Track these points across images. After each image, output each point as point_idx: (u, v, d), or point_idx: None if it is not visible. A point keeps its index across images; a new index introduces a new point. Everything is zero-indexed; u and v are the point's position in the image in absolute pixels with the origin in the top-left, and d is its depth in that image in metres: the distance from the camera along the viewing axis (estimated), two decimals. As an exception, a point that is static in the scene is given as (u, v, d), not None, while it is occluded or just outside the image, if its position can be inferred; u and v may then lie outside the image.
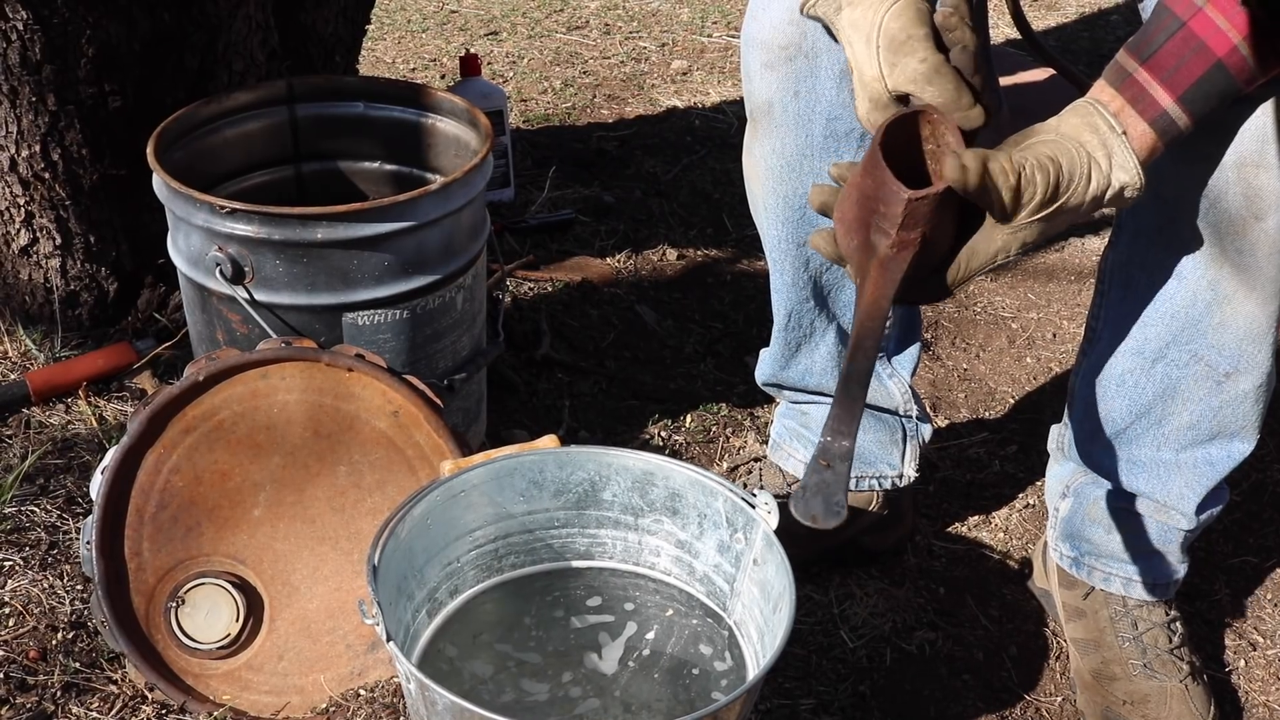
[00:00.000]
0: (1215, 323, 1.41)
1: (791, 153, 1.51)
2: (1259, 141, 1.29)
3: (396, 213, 1.60)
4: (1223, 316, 1.41)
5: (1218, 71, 1.16)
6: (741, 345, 2.27)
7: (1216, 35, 1.15)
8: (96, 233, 2.05)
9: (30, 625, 1.60)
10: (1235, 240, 1.35)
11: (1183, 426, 1.49)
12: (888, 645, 1.68)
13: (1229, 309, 1.40)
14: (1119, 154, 1.19)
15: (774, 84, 1.48)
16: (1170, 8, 1.18)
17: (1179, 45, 1.16)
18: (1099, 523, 1.60)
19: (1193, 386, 1.46)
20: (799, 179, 1.52)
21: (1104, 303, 1.53)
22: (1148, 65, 1.18)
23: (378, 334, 1.66)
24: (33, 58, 1.86)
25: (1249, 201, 1.32)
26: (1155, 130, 1.19)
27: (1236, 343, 1.42)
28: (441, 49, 3.54)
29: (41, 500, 1.77)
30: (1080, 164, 1.18)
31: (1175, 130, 1.19)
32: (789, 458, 1.78)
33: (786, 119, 1.49)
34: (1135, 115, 1.19)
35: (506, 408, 2.05)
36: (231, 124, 1.84)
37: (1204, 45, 1.15)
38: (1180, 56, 1.16)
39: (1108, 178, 1.19)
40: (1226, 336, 1.42)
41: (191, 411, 1.51)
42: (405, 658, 1.18)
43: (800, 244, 1.58)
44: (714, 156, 2.91)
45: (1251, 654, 1.72)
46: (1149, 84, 1.18)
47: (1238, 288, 1.39)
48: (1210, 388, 1.46)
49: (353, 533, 1.53)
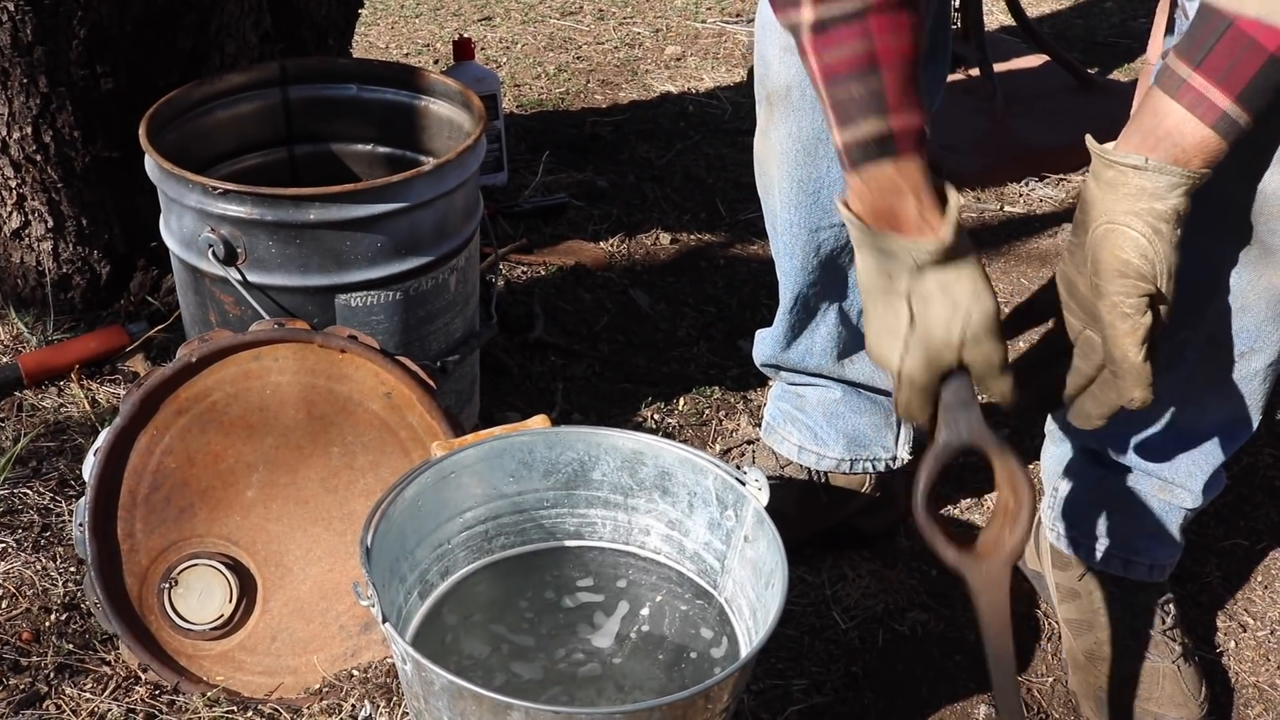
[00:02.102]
0: (1238, 307, 1.41)
1: (808, 136, 1.51)
2: None
3: (390, 194, 1.60)
4: (1246, 300, 1.40)
5: (1272, 66, 1.15)
6: (735, 329, 2.27)
7: (1265, 31, 1.14)
8: (89, 215, 2.04)
9: (23, 607, 1.60)
10: (1269, 221, 1.34)
11: (1191, 405, 1.49)
12: (880, 626, 1.68)
13: (1253, 294, 1.39)
14: (1162, 181, 1.19)
15: (793, 68, 1.48)
16: (1217, 8, 1.17)
17: (1230, 45, 1.15)
18: (1100, 503, 1.60)
19: (1203, 366, 1.46)
20: (815, 163, 1.52)
21: None
22: (1201, 69, 1.17)
23: (371, 315, 1.66)
24: (24, 39, 1.85)
25: None
26: (1218, 133, 1.18)
27: (1256, 325, 1.42)
28: (435, 34, 3.53)
29: (34, 483, 1.77)
30: (1144, 234, 1.20)
31: (1237, 129, 1.18)
32: (783, 440, 1.79)
33: (805, 102, 1.49)
34: (1196, 121, 1.18)
35: (500, 390, 2.05)
36: (224, 106, 1.84)
37: (1255, 42, 1.15)
38: (1233, 56, 1.15)
39: (1171, 209, 1.19)
40: (1247, 320, 1.41)
41: (184, 393, 1.51)
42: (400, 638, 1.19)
43: (813, 229, 1.58)
44: (708, 142, 2.91)
45: (1242, 635, 1.72)
46: (1206, 88, 1.17)
47: (1264, 270, 1.38)
48: (1222, 366, 1.45)
49: (346, 514, 1.53)
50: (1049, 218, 2.73)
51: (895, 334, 1.23)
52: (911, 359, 1.23)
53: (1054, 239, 2.65)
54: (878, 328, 1.25)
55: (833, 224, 1.57)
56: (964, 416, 1.25)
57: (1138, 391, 1.25)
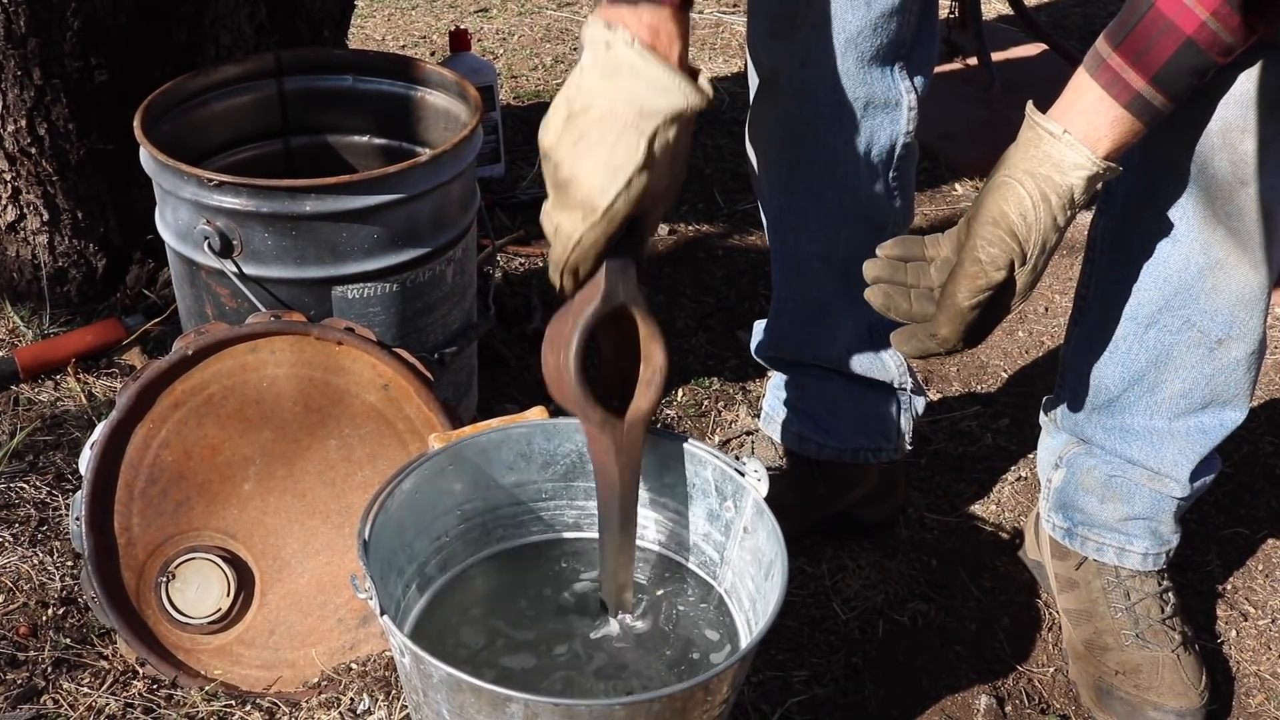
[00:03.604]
0: (1208, 287, 1.41)
1: (796, 121, 1.51)
2: (1242, 107, 1.29)
3: (386, 185, 1.59)
4: (1215, 281, 1.41)
5: (1188, 49, 1.16)
6: (733, 319, 2.26)
7: (1184, 13, 1.15)
8: (84, 208, 2.04)
9: (20, 602, 1.59)
10: (1224, 205, 1.36)
11: (1175, 394, 1.49)
12: (880, 617, 1.68)
13: (1221, 274, 1.40)
14: (1068, 156, 1.21)
15: (781, 52, 1.48)
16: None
17: (1147, 27, 1.17)
18: (1092, 493, 1.60)
19: (1185, 353, 1.46)
20: (799, 147, 1.52)
21: (1094, 270, 1.53)
22: (1120, 50, 1.19)
23: (368, 307, 1.65)
24: (18, 31, 1.84)
25: (1235, 167, 1.32)
26: (1132, 113, 1.19)
27: (1229, 308, 1.42)
28: (431, 26, 3.53)
29: (31, 477, 1.77)
30: (1031, 195, 1.21)
31: (1153, 110, 1.20)
32: (782, 431, 1.78)
33: (792, 87, 1.49)
34: (1110, 100, 1.20)
35: (498, 382, 2.04)
36: (219, 97, 1.83)
37: (1172, 24, 1.16)
38: (1149, 38, 1.17)
39: (1067, 185, 1.21)
40: (1219, 301, 1.42)
41: (180, 386, 1.50)
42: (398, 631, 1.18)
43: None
44: (705, 132, 2.90)
45: (1243, 624, 1.72)
46: (1122, 68, 1.19)
47: (1230, 252, 1.38)
48: (1203, 354, 1.45)
49: (343, 506, 1.53)
50: (1048, 207, 2.71)
51: (620, 172, 1.15)
52: (623, 203, 1.16)
53: (1053, 228, 2.64)
54: (598, 159, 1.15)
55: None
56: (626, 276, 1.22)
57: (946, 329, 1.25)
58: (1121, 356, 1.50)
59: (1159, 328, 1.46)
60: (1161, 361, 1.48)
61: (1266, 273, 1.40)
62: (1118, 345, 1.50)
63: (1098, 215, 1.51)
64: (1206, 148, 1.33)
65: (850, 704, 1.56)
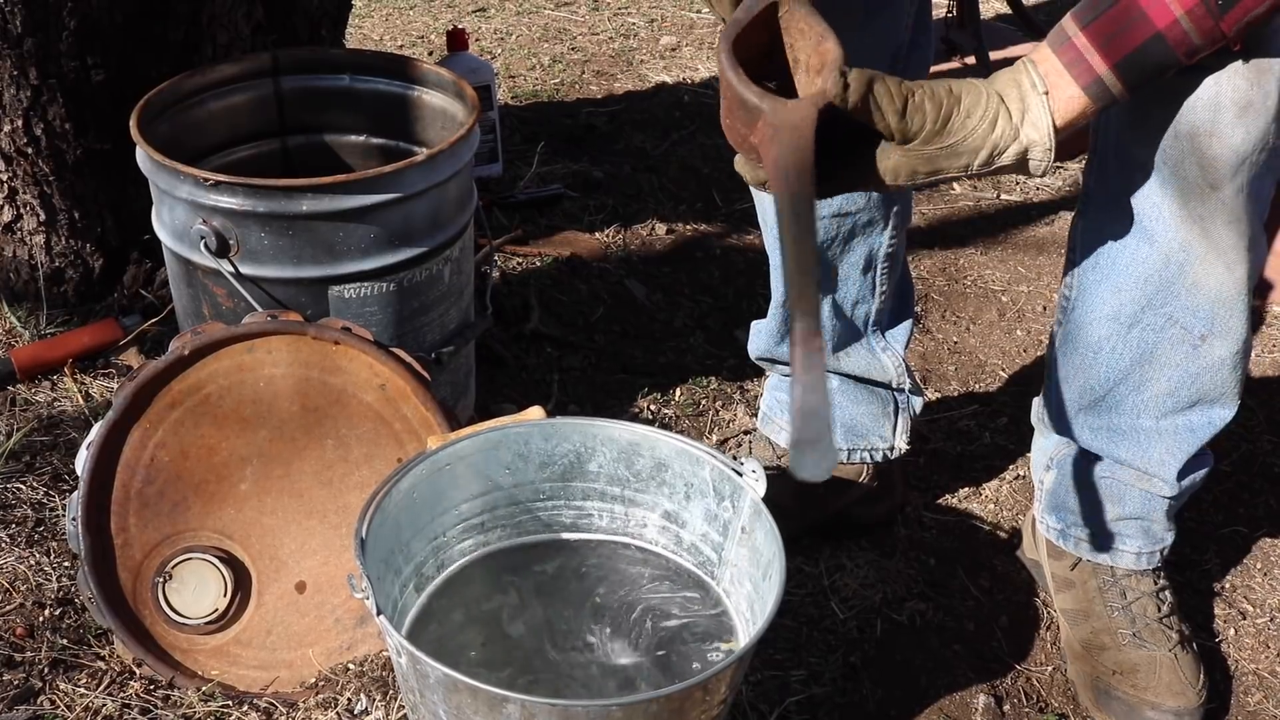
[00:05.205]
0: (1189, 284, 1.41)
1: None
2: (1210, 111, 1.28)
3: (383, 184, 1.59)
4: (1195, 277, 1.40)
5: (1156, 43, 1.16)
6: (731, 319, 2.26)
7: (1159, 7, 1.15)
8: (81, 208, 2.03)
9: (17, 602, 1.59)
10: (1197, 207, 1.35)
11: (1162, 393, 1.49)
12: (878, 616, 1.67)
13: (1200, 270, 1.40)
14: (1034, 110, 1.20)
15: None
16: None
17: (1120, 13, 1.17)
18: (1083, 493, 1.59)
19: (1170, 351, 1.46)
20: None
21: (1075, 270, 1.52)
22: (1087, 31, 1.19)
23: (365, 307, 1.65)
24: (13, 30, 1.84)
25: (1204, 171, 1.32)
26: (1089, 95, 1.20)
27: (1210, 305, 1.42)
28: (429, 25, 3.52)
29: (28, 477, 1.77)
30: (987, 108, 1.20)
31: (1109, 97, 1.20)
32: (780, 430, 1.78)
33: None
34: (1070, 79, 1.20)
35: (495, 382, 2.04)
36: (216, 97, 1.83)
37: (1145, 15, 1.16)
38: (1120, 24, 1.17)
39: (1016, 130, 1.20)
40: (1200, 298, 1.41)
41: (177, 386, 1.50)
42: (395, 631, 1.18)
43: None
44: (703, 132, 2.90)
45: (1241, 622, 1.72)
46: (1086, 50, 1.19)
47: (1207, 250, 1.38)
48: (1187, 352, 1.45)
49: (341, 506, 1.53)
50: (1045, 205, 2.72)
51: None
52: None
53: (1050, 226, 2.64)
54: None
55: (820, 215, 1.56)
56: None
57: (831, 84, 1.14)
58: (1106, 355, 1.50)
59: (1142, 326, 1.46)
60: (1146, 360, 1.47)
61: (1243, 272, 1.40)
62: (1102, 344, 1.50)
63: (1077, 217, 1.51)
64: (1177, 151, 1.33)
65: (848, 703, 1.55)
